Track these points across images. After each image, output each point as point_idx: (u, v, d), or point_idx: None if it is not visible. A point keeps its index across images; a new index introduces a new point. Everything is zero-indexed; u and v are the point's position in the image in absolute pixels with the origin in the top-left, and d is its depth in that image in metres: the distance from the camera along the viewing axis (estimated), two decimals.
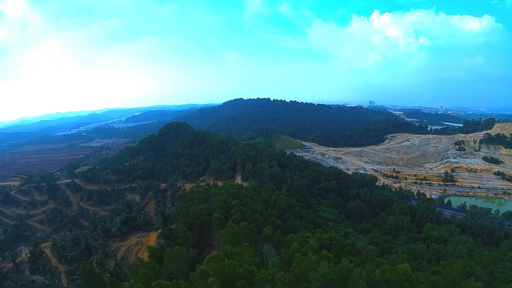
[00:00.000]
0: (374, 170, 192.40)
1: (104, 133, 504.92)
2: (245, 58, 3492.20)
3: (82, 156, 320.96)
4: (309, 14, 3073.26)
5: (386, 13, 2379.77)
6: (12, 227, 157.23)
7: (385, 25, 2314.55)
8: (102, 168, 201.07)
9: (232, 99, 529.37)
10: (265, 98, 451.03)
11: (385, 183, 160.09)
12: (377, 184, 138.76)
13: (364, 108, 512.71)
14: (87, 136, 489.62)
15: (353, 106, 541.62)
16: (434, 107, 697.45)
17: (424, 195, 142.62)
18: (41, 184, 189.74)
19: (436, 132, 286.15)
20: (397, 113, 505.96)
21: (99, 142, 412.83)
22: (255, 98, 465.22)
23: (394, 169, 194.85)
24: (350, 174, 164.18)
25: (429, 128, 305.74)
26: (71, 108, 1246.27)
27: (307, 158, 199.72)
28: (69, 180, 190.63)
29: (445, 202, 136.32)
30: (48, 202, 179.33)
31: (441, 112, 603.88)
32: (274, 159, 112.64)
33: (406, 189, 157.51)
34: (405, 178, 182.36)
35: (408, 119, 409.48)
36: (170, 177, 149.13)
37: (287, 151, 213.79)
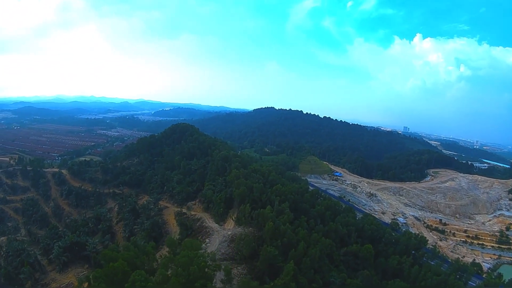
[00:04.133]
0: (415, 217, 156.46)
1: (127, 123, 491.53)
2: (284, 68, 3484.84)
3: (92, 144, 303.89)
4: (352, 32, 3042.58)
5: (429, 38, 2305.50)
6: None
7: (427, 50, 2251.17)
8: (96, 162, 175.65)
9: (264, 107, 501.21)
10: (297, 110, 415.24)
11: (434, 244, 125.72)
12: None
13: (399, 133, 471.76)
14: (109, 123, 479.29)
15: (388, 130, 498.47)
16: (469, 140, 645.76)
17: (480, 266, 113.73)
18: (28, 168, 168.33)
19: (482, 172, 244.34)
20: (433, 143, 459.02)
21: (118, 132, 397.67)
22: (287, 109, 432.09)
23: (440, 220, 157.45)
24: (388, 222, 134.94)
25: (473, 165, 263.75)
26: (106, 94, 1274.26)
27: (334, 189, 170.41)
28: (57, 170, 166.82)
29: (504, 279, 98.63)
30: (29, 190, 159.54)
31: (476, 146, 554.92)
32: (288, 199, 78.55)
33: (458, 253, 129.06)
34: (453, 234, 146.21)
35: (445, 151, 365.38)
36: (156, 191, 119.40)
37: (310, 177, 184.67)
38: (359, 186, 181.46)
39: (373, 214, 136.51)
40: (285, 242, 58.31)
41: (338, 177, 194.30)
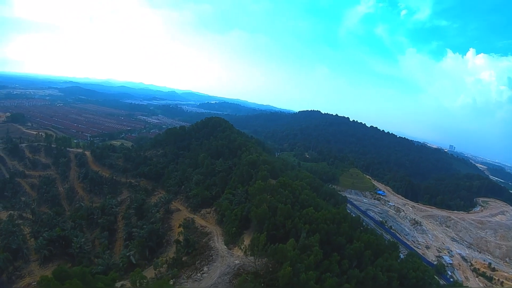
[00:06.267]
0: (462, 257, 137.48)
1: (170, 112, 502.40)
2: (333, 73, 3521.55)
3: (129, 128, 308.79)
4: (404, 42, 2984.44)
5: (482, 54, 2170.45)
6: None
7: (479, 66, 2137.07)
8: (121, 148, 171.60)
9: (310, 109, 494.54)
10: (343, 117, 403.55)
11: None
12: None
13: (446, 152, 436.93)
14: (152, 110, 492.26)
15: (434, 147, 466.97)
16: None
17: None
18: (52, 145, 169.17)
19: None
20: (480, 166, 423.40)
21: (158, 120, 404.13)
22: (333, 114, 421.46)
23: (489, 263, 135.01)
24: (432, 260, 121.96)
25: None
26: (155, 82, 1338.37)
27: (375, 210, 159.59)
28: (80, 151, 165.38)
29: None
30: (49, 168, 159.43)
31: None
32: (320, 230, 62.38)
33: None
34: (501, 284, 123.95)
35: (492, 177, 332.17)
36: (172, 189, 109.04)
37: (350, 193, 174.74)
38: (403, 210, 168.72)
39: (416, 247, 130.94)
40: None
41: (381, 196, 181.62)
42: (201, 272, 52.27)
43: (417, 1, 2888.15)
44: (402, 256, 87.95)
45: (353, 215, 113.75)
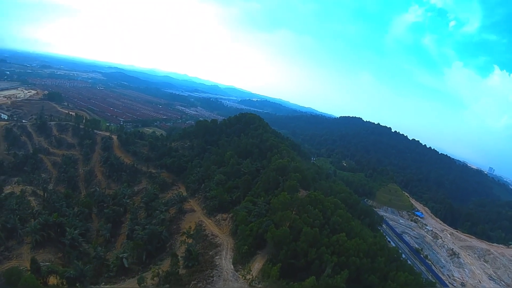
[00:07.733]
0: None
1: (209, 105, 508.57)
2: (377, 80, 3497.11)
3: (164, 117, 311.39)
4: (452, 54, 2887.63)
5: None
6: (21, 156, 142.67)
7: None
8: (149, 136, 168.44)
9: (351, 115, 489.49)
10: (385, 127, 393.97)
11: None
12: None
13: (486, 175, 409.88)
14: (192, 102, 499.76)
15: (475, 168, 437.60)
16: None
17: None
18: (80, 126, 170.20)
19: None
20: None
21: (196, 111, 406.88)
22: (375, 123, 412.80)
23: None
24: None
25: None
26: (199, 75, 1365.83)
27: (411, 234, 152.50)
28: (107, 134, 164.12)
29: None
30: (74, 148, 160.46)
31: None
32: (351, 265, 50.15)
33: None
34: None
35: None
36: (192, 186, 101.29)
37: (387, 211, 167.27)
38: (441, 237, 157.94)
39: (451, 284, 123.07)
40: None
41: (419, 218, 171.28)
42: None
43: (466, 13, 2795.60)
44: None
45: (391, 244, 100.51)
